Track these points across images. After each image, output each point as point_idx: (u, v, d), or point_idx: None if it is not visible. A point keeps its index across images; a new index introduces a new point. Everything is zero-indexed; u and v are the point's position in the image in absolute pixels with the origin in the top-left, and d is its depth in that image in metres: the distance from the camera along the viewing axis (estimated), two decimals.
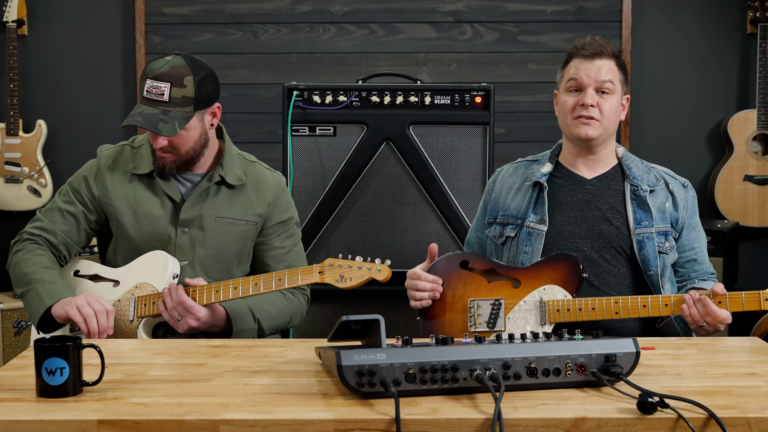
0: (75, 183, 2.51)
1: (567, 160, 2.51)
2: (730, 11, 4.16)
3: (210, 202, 2.46)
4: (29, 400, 1.60)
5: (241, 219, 2.48)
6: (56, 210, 2.49)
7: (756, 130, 4.02)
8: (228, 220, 2.46)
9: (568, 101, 2.44)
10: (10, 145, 4.06)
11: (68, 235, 2.48)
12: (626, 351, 1.68)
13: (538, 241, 2.41)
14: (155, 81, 2.35)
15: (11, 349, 3.64)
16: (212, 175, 2.46)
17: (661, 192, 2.46)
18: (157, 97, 2.35)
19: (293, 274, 2.23)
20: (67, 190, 2.51)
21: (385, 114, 3.19)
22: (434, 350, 1.61)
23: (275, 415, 1.51)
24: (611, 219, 2.42)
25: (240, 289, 2.28)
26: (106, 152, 2.53)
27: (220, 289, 2.29)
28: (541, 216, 2.43)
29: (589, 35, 2.48)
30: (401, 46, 4.15)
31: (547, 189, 2.46)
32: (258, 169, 2.56)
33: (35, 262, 2.40)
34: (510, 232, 2.47)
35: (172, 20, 4.13)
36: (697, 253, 2.47)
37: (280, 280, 2.24)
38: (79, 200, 2.49)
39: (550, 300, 2.30)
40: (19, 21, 4.05)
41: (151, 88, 2.35)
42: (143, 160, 2.48)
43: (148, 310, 2.35)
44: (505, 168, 2.62)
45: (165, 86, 2.35)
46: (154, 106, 2.35)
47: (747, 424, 1.51)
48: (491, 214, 2.55)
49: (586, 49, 2.43)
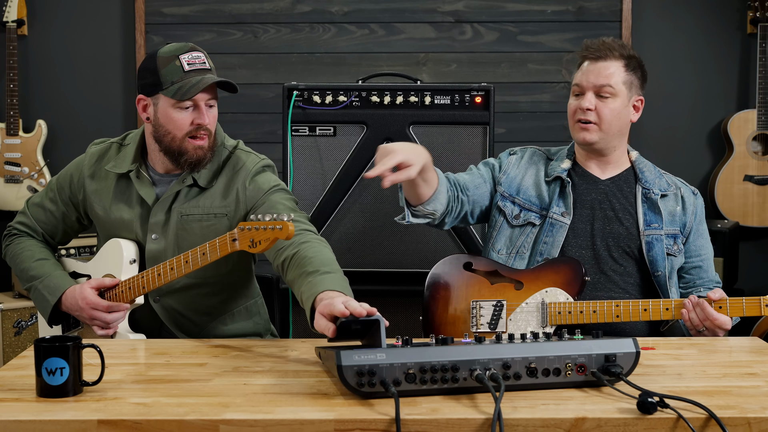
0: (61, 180, 2.49)
1: (581, 160, 2.52)
2: (730, 11, 4.16)
3: (179, 203, 2.36)
4: (29, 400, 1.60)
5: (208, 213, 2.35)
6: (40, 206, 2.50)
7: (756, 130, 4.02)
8: (194, 216, 2.35)
9: (572, 105, 2.46)
10: (10, 145, 4.06)
11: (48, 232, 2.51)
12: (626, 351, 1.68)
13: (560, 233, 2.42)
14: (193, 52, 2.30)
15: (11, 349, 3.64)
16: (185, 177, 2.35)
17: (672, 197, 2.48)
18: (202, 66, 2.30)
19: (213, 245, 2.14)
20: (55, 186, 2.49)
21: (385, 114, 3.19)
22: (434, 350, 1.61)
23: (275, 415, 1.51)
24: (622, 219, 2.44)
25: (175, 269, 2.21)
26: (93, 149, 2.48)
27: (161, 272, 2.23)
28: (566, 209, 2.44)
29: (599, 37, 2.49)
30: (401, 46, 4.15)
31: (570, 184, 2.47)
32: (234, 156, 2.42)
33: (28, 256, 2.45)
34: (534, 219, 2.47)
35: (172, 20, 4.13)
36: (703, 260, 2.49)
37: (204, 254, 2.16)
38: (62, 200, 2.48)
39: (552, 302, 2.31)
40: (19, 21, 4.05)
41: (192, 60, 2.28)
42: (125, 159, 2.40)
43: (114, 300, 2.34)
44: (525, 150, 2.59)
45: (203, 55, 2.32)
46: (204, 74, 2.28)
47: (747, 424, 1.51)
48: (508, 188, 2.52)
49: (591, 52, 2.43)
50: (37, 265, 2.42)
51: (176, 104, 2.27)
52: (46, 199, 2.50)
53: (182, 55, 2.27)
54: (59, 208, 2.48)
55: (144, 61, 2.34)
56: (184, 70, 2.26)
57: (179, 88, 2.25)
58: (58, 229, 2.50)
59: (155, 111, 2.31)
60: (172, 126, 2.29)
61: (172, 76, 2.26)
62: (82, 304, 2.30)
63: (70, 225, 2.50)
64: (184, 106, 2.27)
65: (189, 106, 2.28)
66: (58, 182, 2.49)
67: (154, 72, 2.28)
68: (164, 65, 2.27)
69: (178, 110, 2.27)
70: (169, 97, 2.26)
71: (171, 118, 2.28)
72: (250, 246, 2.04)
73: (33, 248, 2.47)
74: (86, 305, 2.30)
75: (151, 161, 2.39)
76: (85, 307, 2.30)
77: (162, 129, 2.30)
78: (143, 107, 2.34)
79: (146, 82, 2.31)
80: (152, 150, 2.37)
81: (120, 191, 2.40)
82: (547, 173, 2.51)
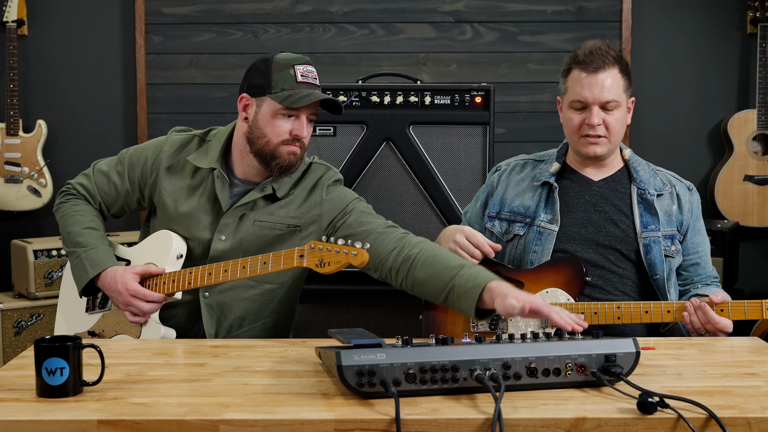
0: (134, 158, 2.45)
1: (574, 162, 2.49)
2: (730, 11, 4.16)
3: (254, 211, 2.36)
4: (29, 400, 1.60)
5: (281, 223, 2.36)
6: (106, 174, 2.47)
7: (756, 130, 4.02)
8: (267, 224, 2.35)
9: (574, 119, 2.40)
10: (10, 145, 4.06)
11: (106, 203, 2.48)
12: (626, 351, 1.68)
13: (548, 241, 2.39)
14: (308, 66, 2.31)
15: (11, 349, 3.64)
16: (264, 187, 2.35)
17: (667, 196, 2.44)
18: (314, 80, 2.31)
19: (277, 257, 2.16)
20: (126, 161, 2.46)
21: (385, 114, 3.19)
22: (434, 350, 1.61)
23: (275, 415, 1.51)
24: (618, 222, 2.40)
25: (230, 272, 2.23)
26: (174, 137, 2.44)
27: (213, 272, 2.25)
28: (553, 216, 2.41)
29: (589, 40, 2.43)
30: (401, 46, 4.15)
31: (557, 189, 2.44)
32: (311, 169, 2.44)
33: (79, 221, 2.42)
34: (519, 230, 2.45)
35: (172, 20, 4.13)
36: (700, 257, 2.46)
37: (265, 263, 2.18)
38: (129, 177, 2.45)
39: (553, 303, 2.29)
40: (19, 21, 4.05)
41: (306, 73, 2.29)
42: (208, 154, 2.38)
43: (154, 290, 2.32)
44: (510, 163, 2.58)
45: (315, 71, 2.33)
46: (314, 89, 2.30)
47: (747, 424, 1.51)
48: (493, 208, 2.52)
49: (588, 64, 2.36)
50: (85, 233, 2.39)
51: (281, 110, 2.27)
52: (113, 171, 2.47)
53: (298, 65, 2.29)
54: (124, 184, 2.45)
55: (257, 62, 2.34)
56: (296, 80, 2.27)
57: (289, 96, 2.26)
58: (117, 202, 2.48)
59: (257, 112, 2.30)
60: (270, 130, 2.29)
61: (284, 83, 2.27)
62: (121, 288, 2.29)
63: (129, 203, 2.48)
64: (288, 115, 2.28)
65: (292, 116, 2.29)
66: (131, 159, 2.45)
67: (266, 75, 2.29)
68: (278, 70, 2.28)
69: (281, 117, 2.28)
70: (278, 102, 2.26)
71: (272, 122, 2.29)
72: (317, 265, 2.08)
73: (86, 214, 2.44)
74: (125, 290, 2.28)
75: (233, 162, 2.39)
76: (123, 292, 2.29)
77: (259, 131, 2.30)
78: (244, 106, 2.33)
79: (255, 83, 2.31)
80: (240, 150, 2.37)
81: (195, 185, 2.39)
82: (536, 177, 2.48)
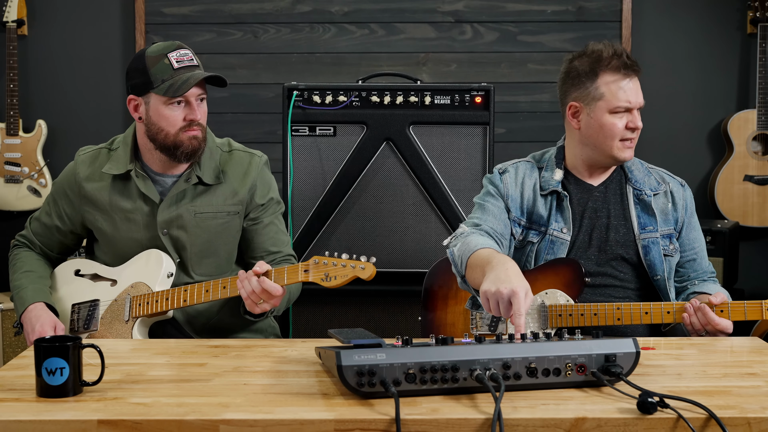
0: (55, 193, 2.53)
1: (574, 167, 2.44)
2: (730, 11, 4.16)
3: (188, 201, 2.42)
4: (29, 400, 1.60)
5: (221, 211, 2.44)
6: (37, 219, 2.57)
7: (756, 130, 4.02)
8: (209, 215, 2.42)
9: (617, 125, 2.33)
10: (10, 145, 4.06)
11: (45, 245, 2.56)
12: (626, 351, 1.68)
13: (561, 250, 2.36)
14: (180, 50, 2.35)
15: (11, 349, 3.64)
16: (189, 176, 2.41)
17: (662, 195, 2.43)
18: (190, 62, 2.34)
19: (280, 272, 2.18)
20: (50, 200, 2.55)
21: (385, 114, 3.19)
22: (434, 350, 1.61)
23: (275, 415, 1.51)
24: (617, 226, 2.39)
25: (228, 288, 2.27)
26: (83, 156, 2.51)
27: (210, 289, 2.29)
28: (565, 224, 2.37)
29: (591, 41, 2.41)
30: (401, 46, 4.15)
31: (568, 197, 2.39)
32: (235, 156, 2.49)
33: (18, 267, 2.52)
34: (533, 237, 2.39)
35: (172, 20, 4.13)
36: (696, 253, 2.46)
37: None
38: (56, 213, 2.52)
39: (552, 304, 2.29)
40: (19, 21, 4.05)
41: (180, 57, 2.33)
42: (119, 160, 2.44)
43: (143, 309, 2.35)
44: (515, 167, 2.45)
45: (190, 52, 2.36)
46: (193, 71, 2.33)
47: (747, 424, 1.51)
48: (515, 211, 2.40)
49: (628, 68, 2.31)
50: (21, 276, 2.48)
51: (168, 101, 2.32)
52: (43, 213, 2.56)
53: (170, 53, 2.32)
54: (53, 221, 2.52)
55: (132, 61, 2.39)
56: (173, 68, 2.31)
57: (170, 86, 2.30)
58: (53, 241, 2.56)
59: (147, 110, 2.36)
60: (164, 123, 2.34)
61: (162, 75, 2.31)
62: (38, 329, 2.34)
63: (64, 237, 2.55)
64: (177, 102, 2.32)
65: (180, 103, 2.33)
66: (53, 196, 2.54)
67: (143, 72, 2.33)
68: (153, 64, 2.32)
69: (170, 107, 2.33)
70: (161, 95, 2.31)
71: (163, 115, 2.34)
72: (323, 279, 2.11)
73: (25, 260, 2.53)
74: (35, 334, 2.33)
75: (147, 161, 2.43)
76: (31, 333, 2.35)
77: (155, 127, 2.35)
78: (134, 107, 2.39)
79: (136, 82, 2.36)
80: (147, 149, 2.41)
81: (118, 191, 2.43)
82: (542, 186, 2.41)
